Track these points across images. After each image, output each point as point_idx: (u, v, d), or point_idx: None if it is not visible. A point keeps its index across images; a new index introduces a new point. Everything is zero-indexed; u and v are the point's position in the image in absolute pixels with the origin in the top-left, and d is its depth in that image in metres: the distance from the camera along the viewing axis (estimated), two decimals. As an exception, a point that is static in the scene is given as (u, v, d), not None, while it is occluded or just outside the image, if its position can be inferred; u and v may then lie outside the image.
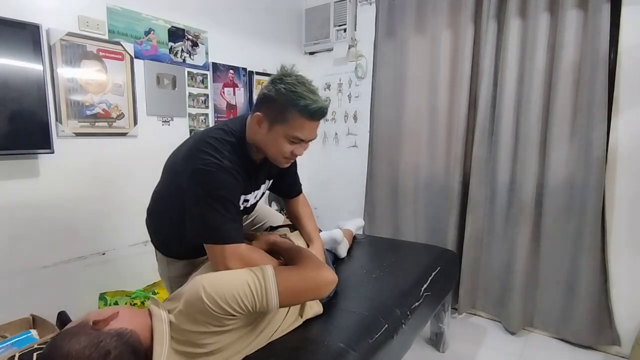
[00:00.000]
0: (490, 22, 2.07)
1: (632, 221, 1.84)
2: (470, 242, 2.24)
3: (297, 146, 1.08)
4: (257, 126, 1.06)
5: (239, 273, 0.91)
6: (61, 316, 1.66)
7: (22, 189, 1.61)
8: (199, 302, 0.82)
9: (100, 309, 0.85)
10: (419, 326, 1.48)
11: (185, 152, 1.08)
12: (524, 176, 2.02)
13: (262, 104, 1.06)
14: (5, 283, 1.59)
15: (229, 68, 2.46)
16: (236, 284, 0.86)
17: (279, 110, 1.02)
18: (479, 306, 2.31)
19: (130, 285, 1.96)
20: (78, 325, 0.78)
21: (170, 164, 1.19)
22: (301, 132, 1.04)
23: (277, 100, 1.01)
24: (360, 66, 2.76)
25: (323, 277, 0.97)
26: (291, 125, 1.02)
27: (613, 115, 1.83)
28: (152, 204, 1.29)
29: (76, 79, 1.72)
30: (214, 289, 0.83)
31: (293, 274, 0.95)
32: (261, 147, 1.10)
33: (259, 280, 0.88)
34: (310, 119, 1.03)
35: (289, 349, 1.03)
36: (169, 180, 1.19)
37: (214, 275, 0.89)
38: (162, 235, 1.29)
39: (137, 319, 0.84)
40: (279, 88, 1.01)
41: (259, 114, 1.05)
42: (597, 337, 1.92)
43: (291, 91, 1.00)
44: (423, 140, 2.42)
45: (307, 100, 0.99)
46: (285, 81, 1.02)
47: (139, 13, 1.95)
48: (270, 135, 1.05)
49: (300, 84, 1.02)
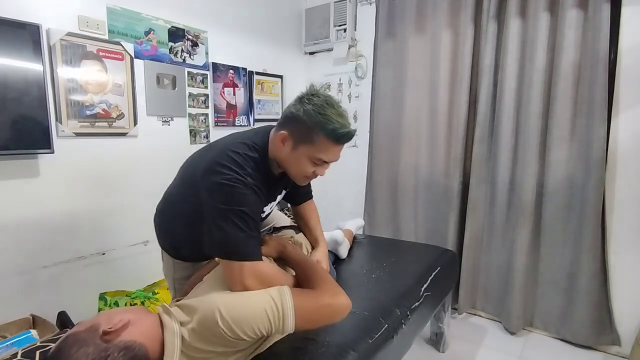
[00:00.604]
0: (490, 22, 2.07)
1: (632, 221, 1.84)
2: (470, 242, 2.24)
3: (320, 167, 1.07)
4: (280, 144, 1.05)
5: (257, 298, 0.88)
6: (61, 316, 1.66)
7: (22, 189, 1.61)
8: (214, 325, 0.81)
9: (111, 313, 0.82)
10: (419, 326, 1.48)
11: (207, 164, 1.03)
12: (524, 176, 2.02)
13: (288, 122, 1.04)
14: (5, 283, 1.59)
15: (229, 68, 2.46)
16: (254, 312, 0.84)
17: (306, 132, 1.01)
18: (479, 306, 2.31)
19: (130, 285, 1.96)
20: (87, 330, 0.76)
21: (189, 173, 1.15)
22: (326, 155, 1.03)
23: (304, 121, 1.00)
24: (360, 66, 2.76)
25: (339, 305, 0.95)
26: (317, 147, 1.01)
27: (613, 115, 1.83)
28: (164, 206, 1.27)
29: (76, 79, 1.72)
30: (231, 314, 0.82)
31: (310, 301, 0.92)
32: (283, 165, 1.09)
33: (277, 307, 0.86)
34: (337, 143, 1.02)
35: (289, 349, 1.03)
36: (186, 188, 1.16)
37: (231, 299, 0.86)
38: (172, 237, 1.26)
39: (147, 331, 0.82)
40: (307, 109, 1.00)
41: (284, 133, 1.03)
42: (597, 337, 1.92)
43: (320, 113, 0.98)
44: (423, 140, 2.42)
45: (335, 124, 0.98)
46: (313, 101, 1.00)
47: (139, 13, 1.95)
48: (293, 154, 1.04)
49: (329, 106, 1.00)
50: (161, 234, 1.30)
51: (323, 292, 0.96)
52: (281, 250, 1.12)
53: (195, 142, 2.29)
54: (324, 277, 1.02)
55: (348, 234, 1.88)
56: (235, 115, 2.54)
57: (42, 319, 1.59)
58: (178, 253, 1.27)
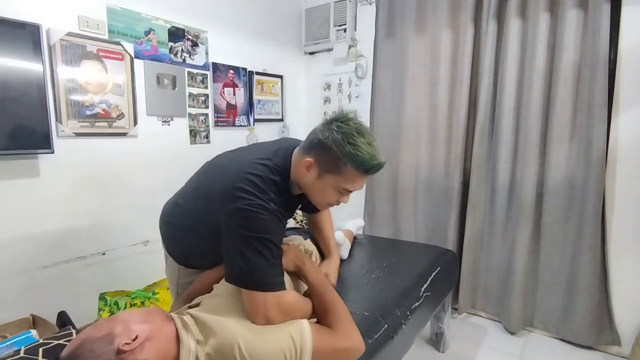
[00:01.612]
0: (490, 22, 2.07)
1: (632, 221, 1.84)
2: (470, 242, 2.24)
3: (345, 196, 1.02)
4: (305, 170, 0.98)
5: (278, 339, 0.86)
6: (61, 316, 1.65)
7: (22, 189, 1.61)
8: (231, 358, 0.81)
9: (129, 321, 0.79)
10: (419, 326, 1.48)
11: (226, 187, 0.95)
12: (524, 176, 2.02)
13: (315, 149, 0.97)
14: (5, 283, 1.59)
15: (229, 68, 2.46)
16: (274, 353, 0.83)
17: (333, 161, 0.94)
18: (479, 306, 2.31)
19: (130, 285, 1.96)
20: (102, 340, 0.74)
21: (205, 188, 1.08)
22: (352, 185, 0.98)
23: (332, 149, 0.93)
24: (360, 66, 2.76)
25: (355, 350, 0.95)
26: (344, 177, 0.96)
27: (613, 115, 1.83)
28: (175, 215, 1.19)
29: (76, 79, 1.72)
30: (251, 354, 0.81)
31: (327, 343, 0.91)
32: (305, 191, 1.04)
33: (295, 350, 0.85)
34: (365, 174, 0.97)
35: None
36: (202, 204, 1.08)
37: (252, 337, 0.84)
38: (183, 247, 1.21)
39: (162, 347, 0.80)
40: (336, 137, 0.93)
41: (309, 160, 0.97)
42: (597, 337, 1.92)
43: (349, 143, 0.92)
44: (423, 140, 2.42)
45: (365, 155, 0.92)
46: (342, 129, 0.94)
47: (139, 13, 1.95)
48: (318, 182, 0.99)
49: (360, 135, 0.93)
50: (170, 242, 1.24)
51: (340, 335, 0.95)
52: (299, 267, 1.08)
53: (195, 142, 2.29)
54: (342, 316, 0.99)
55: (348, 234, 1.88)
56: (235, 115, 2.54)
57: (42, 319, 1.59)
58: (186, 261, 1.23)
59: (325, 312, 0.99)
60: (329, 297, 1.01)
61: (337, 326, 0.96)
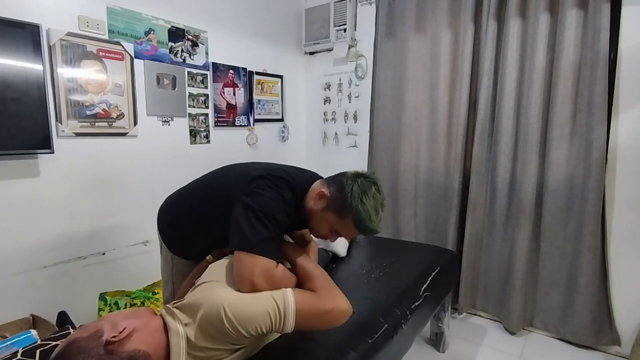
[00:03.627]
0: (490, 22, 2.07)
1: (632, 221, 1.84)
2: (470, 242, 2.24)
3: (334, 236, 1.16)
4: (317, 197, 1.11)
5: (261, 301, 0.89)
6: (61, 316, 1.66)
7: (22, 189, 1.61)
8: (219, 323, 0.83)
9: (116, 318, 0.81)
10: (419, 326, 1.48)
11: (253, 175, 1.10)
12: (524, 176, 2.02)
13: (334, 186, 1.11)
14: (5, 283, 1.59)
15: (229, 68, 2.46)
16: (258, 312, 0.86)
17: (341, 205, 1.07)
18: (479, 306, 2.31)
19: (130, 285, 1.96)
20: (90, 338, 0.75)
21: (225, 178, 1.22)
22: (344, 232, 1.13)
23: (346, 197, 1.07)
24: (360, 66, 2.76)
25: (340, 311, 0.96)
26: (341, 223, 1.09)
27: (613, 115, 1.83)
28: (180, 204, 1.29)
29: (76, 79, 1.72)
30: (235, 314, 0.83)
31: (311, 305, 0.93)
32: (307, 214, 1.15)
33: (279, 310, 0.88)
34: (359, 232, 1.11)
35: (289, 349, 1.04)
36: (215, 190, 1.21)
37: (235, 298, 0.88)
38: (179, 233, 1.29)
39: (152, 337, 0.82)
40: (354, 189, 1.07)
41: (324, 192, 1.10)
42: (597, 337, 1.92)
43: (361, 200, 1.05)
44: (423, 140, 2.42)
45: (366, 219, 1.06)
46: (364, 188, 1.07)
47: (139, 13, 1.95)
48: (320, 214, 1.11)
49: (373, 199, 1.08)
50: (168, 230, 1.32)
51: (324, 297, 0.96)
52: (283, 252, 1.14)
53: (195, 142, 2.29)
54: (325, 282, 1.02)
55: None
56: (235, 115, 2.54)
57: (42, 319, 1.59)
58: (180, 249, 1.30)
59: (308, 280, 1.02)
60: (310, 269, 1.07)
61: (320, 290, 0.99)
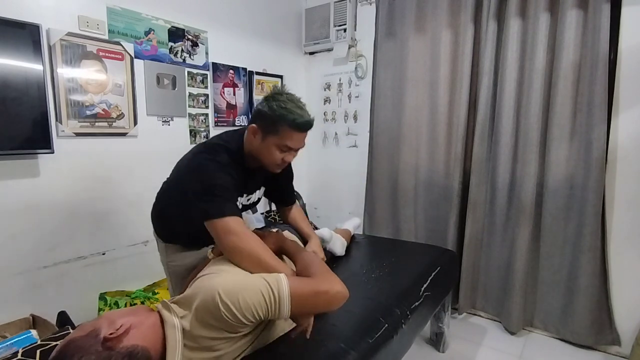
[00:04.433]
0: (490, 22, 2.07)
1: (632, 221, 1.84)
2: (470, 242, 2.24)
3: (287, 154, 1.22)
4: (252, 136, 1.21)
5: (254, 281, 0.90)
6: (61, 316, 1.66)
7: (22, 189, 1.61)
8: (215, 308, 0.83)
9: (113, 316, 0.81)
10: (419, 326, 1.48)
11: (189, 156, 1.25)
12: (524, 176, 2.02)
13: (257, 118, 1.21)
14: (5, 283, 1.59)
15: (229, 68, 2.46)
16: (251, 293, 0.86)
17: (271, 124, 1.17)
18: (479, 306, 2.31)
19: (130, 285, 1.96)
20: (88, 336, 0.75)
21: (178, 166, 1.35)
22: (290, 142, 1.19)
23: (269, 115, 1.16)
24: (360, 66, 2.76)
25: (335, 292, 0.97)
26: (281, 136, 1.17)
27: (613, 115, 1.83)
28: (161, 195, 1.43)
29: (76, 79, 1.72)
30: (231, 297, 0.84)
31: (306, 287, 0.94)
32: (256, 155, 1.24)
33: (272, 290, 0.88)
34: (298, 131, 1.18)
35: (289, 349, 1.04)
36: (175, 176, 1.36)
37: (230, 284, 0.88)
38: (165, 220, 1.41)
39: (149, 332, 0.82)
40: (271, 105, 1.16)
41: (254, 126, 1.20)
42: (597, 337, 1.92)
43: (282, 107, 1.15)
44: (423, 140, 2.42)
45: (295, 115, 1.15)
46: (277, 99, 1.17)
47: (139, 13, 1.95)
48: (264, 144, 1.20)
49: (290, 101, 1.17)
50: (157, 220, 1.44)
51: (320, 280, 0.99)
52: (280, 245, 1.17)
53: (195, 142, 2.29)
54: (321, 268, 1.05)
55: (346, 234, 1.89)
56: (235, 115, 2.54)
57: (42, 319, 1.59)
58: (170, 235, 1.41)
59: (305, 269, 1.05)
60: (309, 259, 1.10)
61: (316, 275, 1.01)
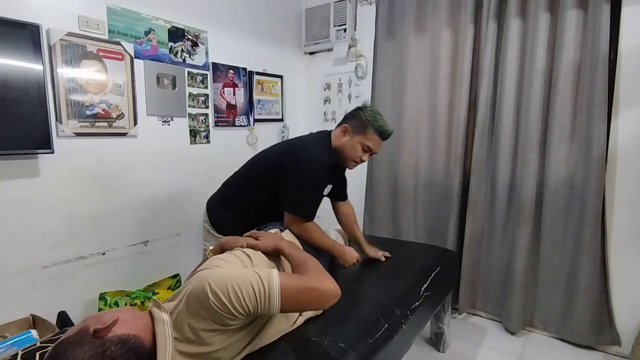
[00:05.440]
0: (490, 22, 2.07)
1: (632, 221, 1.84)
2: (470, 242, 2.24)
3: (365, 154, 1.52)
4: (342, 134, 1.52)
5: (244, 273, 0.91)
6: (61, 316, 1.66)
7: (22, 189, 1.61)
8: (204, 297, 0.83)
9: (99, 315, 0.82)
10: (419, 326, 1.48)
11: (293, 147, 1.53)
12: (524, 176, 2.02)
13: (349, 119, 1.54)
14: (5, 283, 1.59)
15: (229, 68, 2.46)
16: (240, 284, 0.86)
17: (362, 126, 1.49)
18: (479, 306, 2.32)
19: (130, 285, 1.96)
20: (78, 334, 0.76)
21: (268, 158, 1.59)
22: (372, 144, 1.50)
23: (362, 118, 1.49)
24: (360, 66, 2.76)
25: (326, 290, 0.98)
26: (367, 137, 1.49)
27: (613, 115, 1.83)
28: (227, 191, 1.65)
29: (76, 79, 1.72)
30: (220, 286, 0.84)
31: (297, 283, 0.95)
32: (341, 150, 1.52)
33: (262, 283, 0.88)
34: (380, 137, 1.50)
35: (289, 349, 1.04)
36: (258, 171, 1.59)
37: (220, 275, 0.89)
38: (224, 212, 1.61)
39: (137, 322, 0.82)
40: (365, 113, 1.50)
41: (346, 126, 1.52)
42: (597, 337, 1.92)
43: (373, 116, 1.49)
44: (423, 140, 2.42)
45: (382, 124, 1.49)
46: (367, 109, 1.52)
47: (139, 13, 1.95)
48: (350, 141, 1.51)
49: (378, 114, 1.51)
50: (220, 207, 1.63)
51: (311, 277, 0.99)
52: (277, 245, 1.17)
53: (195, 142, 2.29)
54: (315, 266, 1.05)
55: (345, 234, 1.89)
56: (235, 115, 2.54)
57: (42, 319, 1.59)
58: (227, 221, 1.58)
59: (299, 268, 1.06)
60: (302, 257, 1.12)
61: (308, 272, 1.02)
